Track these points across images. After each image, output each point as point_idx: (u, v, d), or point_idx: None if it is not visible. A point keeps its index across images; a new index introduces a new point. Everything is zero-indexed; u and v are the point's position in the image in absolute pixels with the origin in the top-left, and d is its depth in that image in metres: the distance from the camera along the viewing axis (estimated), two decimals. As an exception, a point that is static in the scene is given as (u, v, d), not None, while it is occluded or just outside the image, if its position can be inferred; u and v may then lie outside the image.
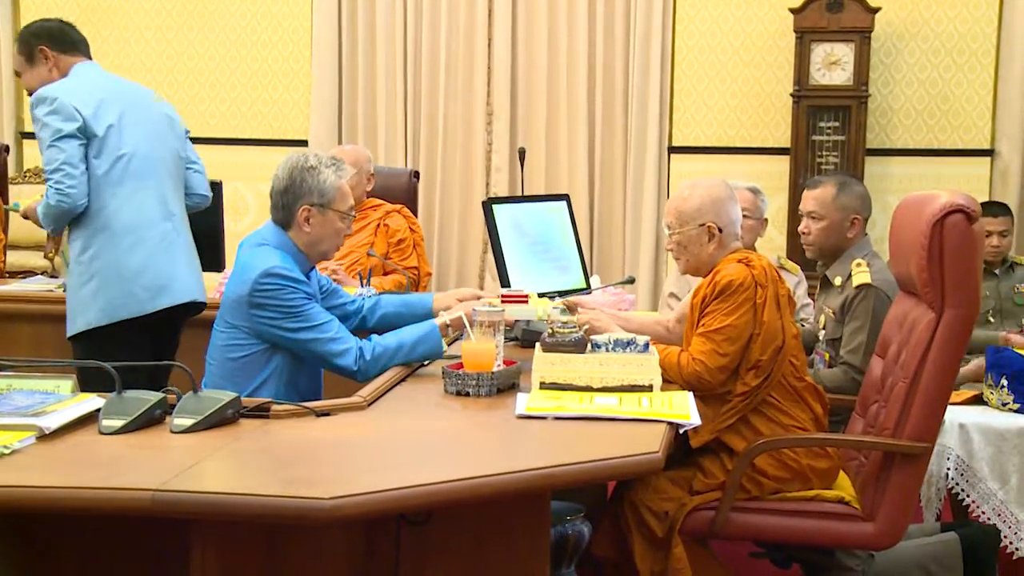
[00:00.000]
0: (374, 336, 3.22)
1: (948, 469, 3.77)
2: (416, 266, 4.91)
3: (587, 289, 3.88)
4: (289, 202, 3.26)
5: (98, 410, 2.49)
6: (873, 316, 3.71)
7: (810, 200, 4.02)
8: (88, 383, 2.82)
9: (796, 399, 3.15)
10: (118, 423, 2.44)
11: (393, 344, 3.18)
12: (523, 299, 3.31)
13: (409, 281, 4.62)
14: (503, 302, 3.24)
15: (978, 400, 4.02)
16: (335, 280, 4.63)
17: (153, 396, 2.53)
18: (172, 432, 2.45)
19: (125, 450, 2.36)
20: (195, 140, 4.15)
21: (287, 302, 3.14)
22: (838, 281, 3.92)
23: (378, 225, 4.90)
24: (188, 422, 2.47)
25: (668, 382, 3.05)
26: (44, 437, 2.37)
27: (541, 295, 3.67)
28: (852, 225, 3.97)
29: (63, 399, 2.55)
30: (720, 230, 3.24)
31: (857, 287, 3.77)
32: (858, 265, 3.85)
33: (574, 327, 3.08)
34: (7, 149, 6.27)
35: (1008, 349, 4.12)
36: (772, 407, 3.13)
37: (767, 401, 3.13)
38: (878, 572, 3.57)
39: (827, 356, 3.88)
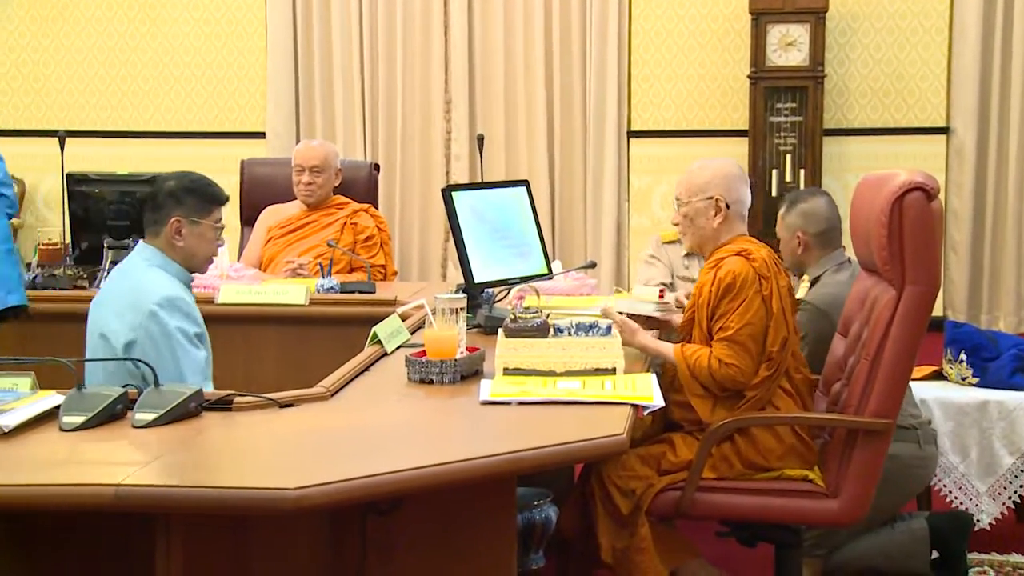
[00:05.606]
0: None
1: (910, 444, 3.81)
2: (383, 264, 4.89)
3: (549, 275, 3.87)
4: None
5: (58, 407, 2.47)
6: (808, 328, 3.65)
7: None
8: None
9: (793, 391, 3.18)
10: (79, 419, 2.41)
11: None
12: None
13: (371, 278, 4.58)
14: None
15: (938, 375, 4.06)
16: (298, 274, 4.61)
17: (114, 391, 2.50)
18: (134, 427, 2.43)
19: (87, 446, 2.34)
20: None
21: None
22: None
23: (345, 223, 4.87)
24: (150, 416, 2.44)
25: (705, 388, 3.13)
26: (3, 435, 2.34)
27: (502, 281, 3.67)
28: (799, 243, 3.83)
29: (22, 396, 2.52)
30: (728, 206, 3.25)
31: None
32: (803, 279, 3.87)
33: (536, 312, 3.08)
34: None
35: (967, 325, 4.17)
36: (777, 396, 3.16)
37: (775, 390, 3.17)
38: (841, 561, 3.60)
39: None
